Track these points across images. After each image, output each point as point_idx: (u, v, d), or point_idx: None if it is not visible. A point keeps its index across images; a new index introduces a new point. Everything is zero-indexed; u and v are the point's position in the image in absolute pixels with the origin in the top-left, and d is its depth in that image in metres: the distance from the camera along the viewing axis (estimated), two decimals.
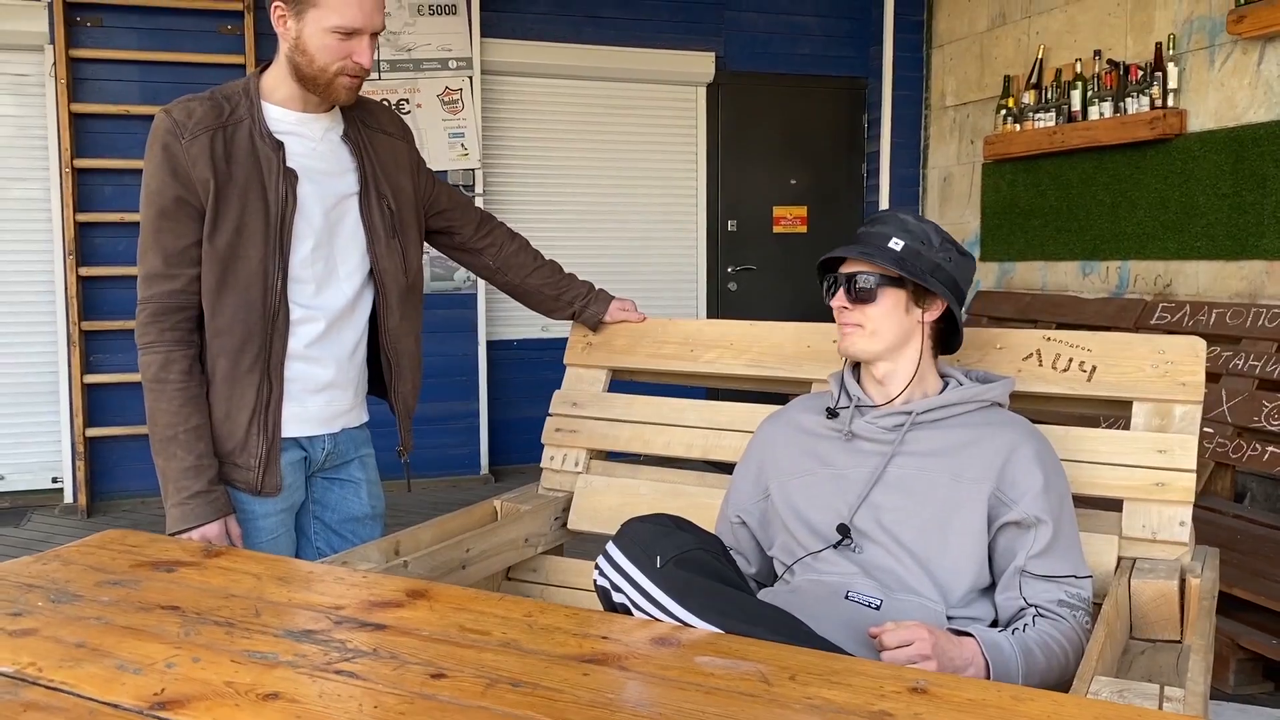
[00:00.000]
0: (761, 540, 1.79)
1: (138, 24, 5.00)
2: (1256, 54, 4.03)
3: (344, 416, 1.97)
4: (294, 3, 1.76)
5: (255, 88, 1.85)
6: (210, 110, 1.80)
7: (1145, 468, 1.76)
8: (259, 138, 1.81)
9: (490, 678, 1.08)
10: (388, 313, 1.96)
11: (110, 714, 1.01)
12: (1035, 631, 1.56)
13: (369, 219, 1.92)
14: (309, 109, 1.87)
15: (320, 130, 1.89)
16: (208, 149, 1.77)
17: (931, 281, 1.69)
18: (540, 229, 5.48)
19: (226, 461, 1.85)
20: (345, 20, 1.75)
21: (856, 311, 1.71)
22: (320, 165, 1.88)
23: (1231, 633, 2.92)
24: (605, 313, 2.26)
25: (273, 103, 1.85)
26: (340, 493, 2.02)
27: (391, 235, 1.94)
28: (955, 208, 5.88)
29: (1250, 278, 4.10)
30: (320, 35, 1.76)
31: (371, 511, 2.05)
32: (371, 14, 1.78)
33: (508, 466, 5.61)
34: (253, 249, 1.79)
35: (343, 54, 1.78)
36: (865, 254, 1.70)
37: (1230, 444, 3.75)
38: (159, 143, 1.78)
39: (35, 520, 4.85)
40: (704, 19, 5.87)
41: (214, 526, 1.79)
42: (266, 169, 1.80)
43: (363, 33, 1.78)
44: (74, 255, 4.88)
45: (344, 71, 1.79)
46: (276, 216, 1.80)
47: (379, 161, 1.95)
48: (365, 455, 2.05)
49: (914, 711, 1.01)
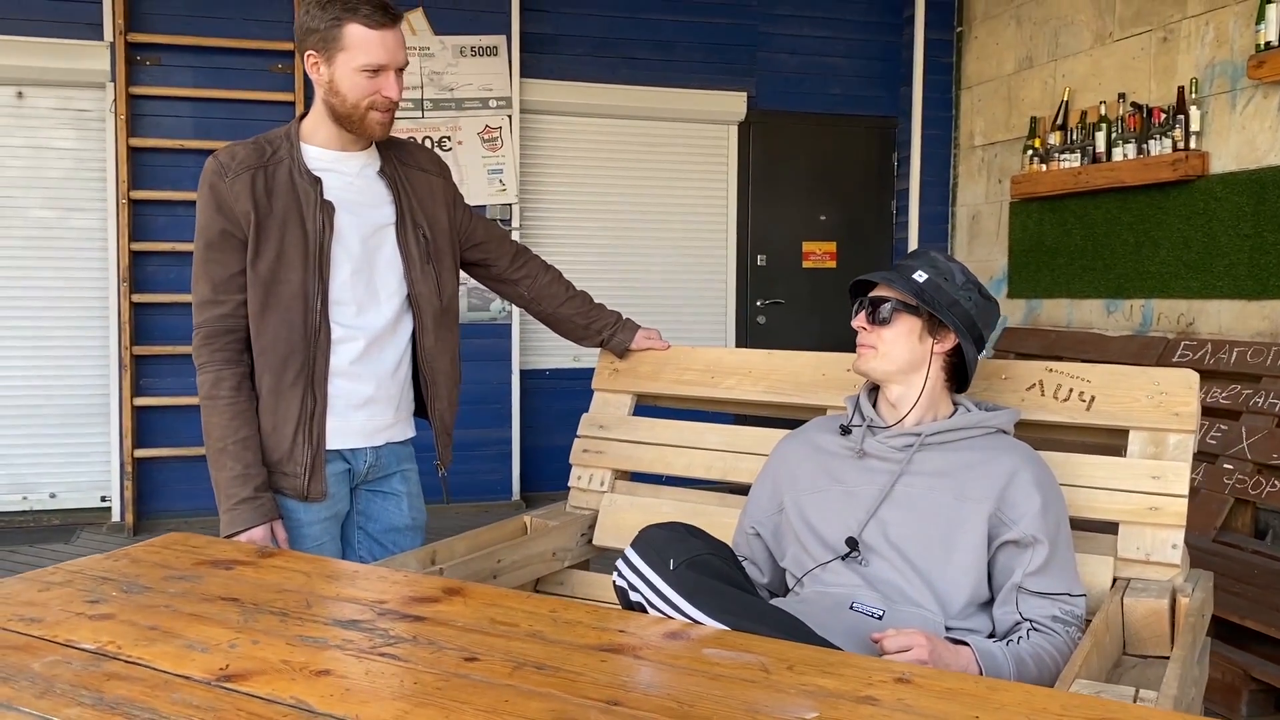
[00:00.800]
0: (775, 551, 1.91)
1: (194, 63, 5.25)
2: (1277, 98, 4.12)
3: (386, 431, 2.11)
4: (325, 50, 1.93)
5: (295, 132, 2.03)
6: (253, 152, 1.98)
7: (1140, 493, 1.86)
8: (298, 175, 1.98)
9: (517, 661, 1.20)
10: (424, 334, 2.11)
11: (182, 684, 1.14)
12: (1029, 644, 1.66)
13: (405, 247, 2.07)
14: (345, 147, 2.04)
15: (357, 166, 2.06)
16: (249, 186, 1.94)
17: (945, 314, 1.80)
18: (575, 262, 5.65)
19: (275, 471, 2.00)
20: (371, 59, 1.92)
21: (873, 333, 1.84)
22: (357, 198, 2.04)
23: (1244, 664, 2.97)
24: (631, 341, 2.40)
25: (312, 144, 2.03)
26: (382, 504, 2.16)
27: (426, 262, 2.09)
28: (983, 245, 5.98)
29: (1272, 317, 4.16)
30: (350, 75, 1.93)
31: (412, 523, 2.18)
32: (394, 51, 1.94)
33: (539, 493, 5.74)
34: (293, 273, 1.96)
35: (371, 90, 1.94)
36: (888, 280, 1.83)
37: (1250, 480, 3.80)
38: (207, 184, 1.97)
39: (84, 537, 5.04)
40: (737, 60, 6.04)
41: (260, 530, 1.93)
42: (305, 201, 1.97)
43: (388, 69, 1.94)
44: (127, 282, 5.09)
45: (374, 106, 1.95)
46: (315, 244, 1.96)
47: (415, 195, 2.11)
48: (407, 470, 2.19)
49: (898, 697, 1.12)
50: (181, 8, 5.19)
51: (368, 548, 2.15)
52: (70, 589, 1.46)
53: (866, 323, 1.85)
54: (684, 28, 5.92)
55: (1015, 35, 5.69)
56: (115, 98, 5.07)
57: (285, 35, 5.26)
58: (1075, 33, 5.24)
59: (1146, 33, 4.77)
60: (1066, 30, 5.29)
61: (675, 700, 1.10)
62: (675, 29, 5.91)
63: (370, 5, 1.91)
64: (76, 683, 1.14)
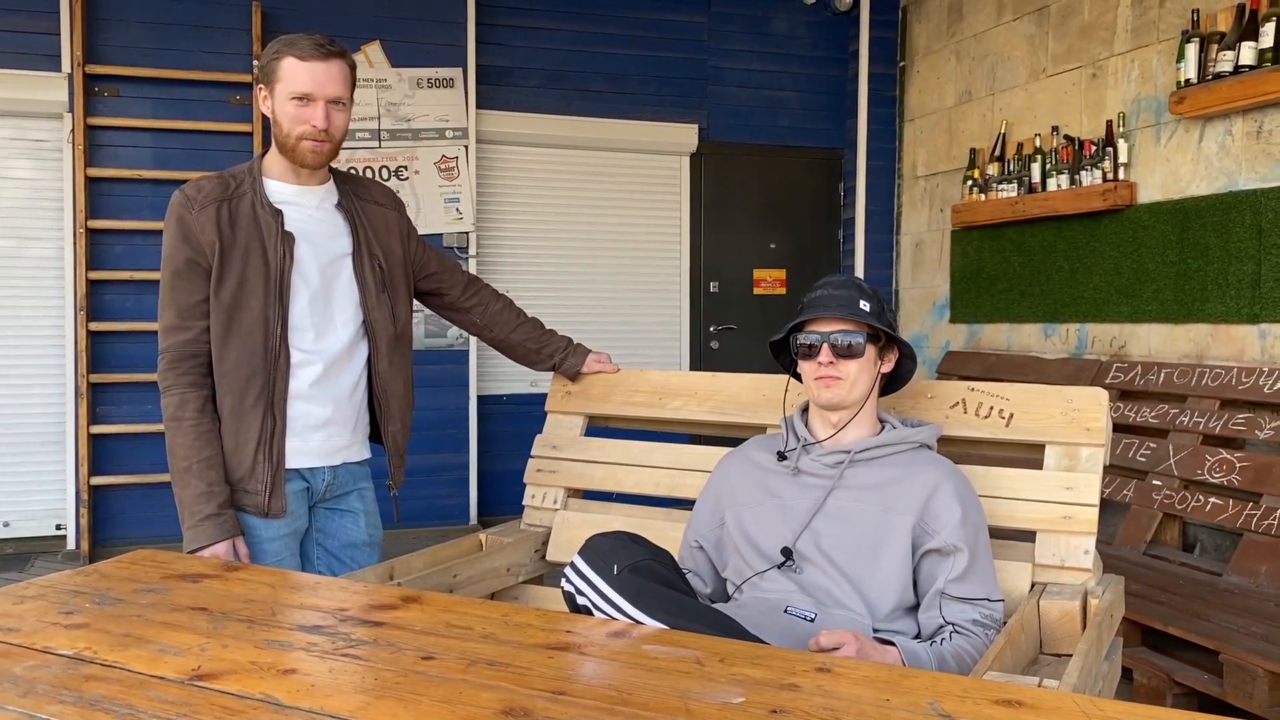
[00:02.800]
0: (717, 563, 2.02)
1: (152, 94, 5.30)
2: (1197, 132, 4.34)
3: (343, 452, 2.21)
4: (268, 82, 2.09)
5: (257, 167, 2.15)
6: (218, 186, 2.10)
7: (1055, 503, 2.00)
8: (260, 207, 2.09)
9: (471, 659, 1.30)
10: (379, 359, 2.22)
11: (157, 684, 1.23)
12: (951, 645, 1.78)
13: (361, 276, 2.19)
14: (301, 181, 2.16)
15: (315, 200, 2.18)
16: (214, 217, 2.06)
17: (898, 337, 1.95)
18: (530, 289, 5.77)
19: (237, 489, 2.09)
20: (298, 87, 2.05)
21: (839, 366, 1.93)
22: (316, 229, 2.16)
23: (1168, 669, 3.12)
24: (582, 364, 2.52)
25: (271, 178, 2.15)
26: (340, 521, 2.25)
27: (381, 290, 2.21)
28: (927, 272, 6.17)
29: (1196, 340, 4.36)
30: (284, 104, 2.07)
31: (369, 539, 2.28)
32: (323, 84, 2.06)
33: (496, 516, 5.81)
34: (254, 300, 2.06)
35: (301, 119, 2.06)
36: (853, 315, 1.91)
37: (1177, 495, 3.98)
38: (175, 215, 2.08)
39: (38, 566, 5.02)
40: (688, 93, 6.21)
41: (223, 545, 2.02)
42: (267, 233, 2.08)
43: (314, 98, 2.06)
44: (85, 311, 5.12)
45: (304, 136, 2.07)
46: (276, 272, 2.07)
47: (371, 227, 2.23)
48: (364, 489, 2.29)
49: (818, 684, 1.23)
50: (140, 39, 5.26)
51: (326, 563, 2.24)
52: (44, 602, 1.54)
53: (833, 356, 1.93)
54: (636, 61, 6.09)
55: (955, 70, 5.91)
56: (73, 128, 5.11)
57: (242, 67, 5.35)
58: (1011, 68, 5.46)
59: (1077, 69, 5.00)
60: (1003, 65, 5.52)
61: (615, 689, 1.21)
62: (628, 62, 6.08)
63: (308, 41, 2.05)
64: (57, 684, 1.22)
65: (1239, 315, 4.13)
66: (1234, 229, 4.15)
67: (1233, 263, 4.16)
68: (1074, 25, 5.03)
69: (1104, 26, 4.84)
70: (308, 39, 2.05)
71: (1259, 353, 4.06)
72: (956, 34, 5.90)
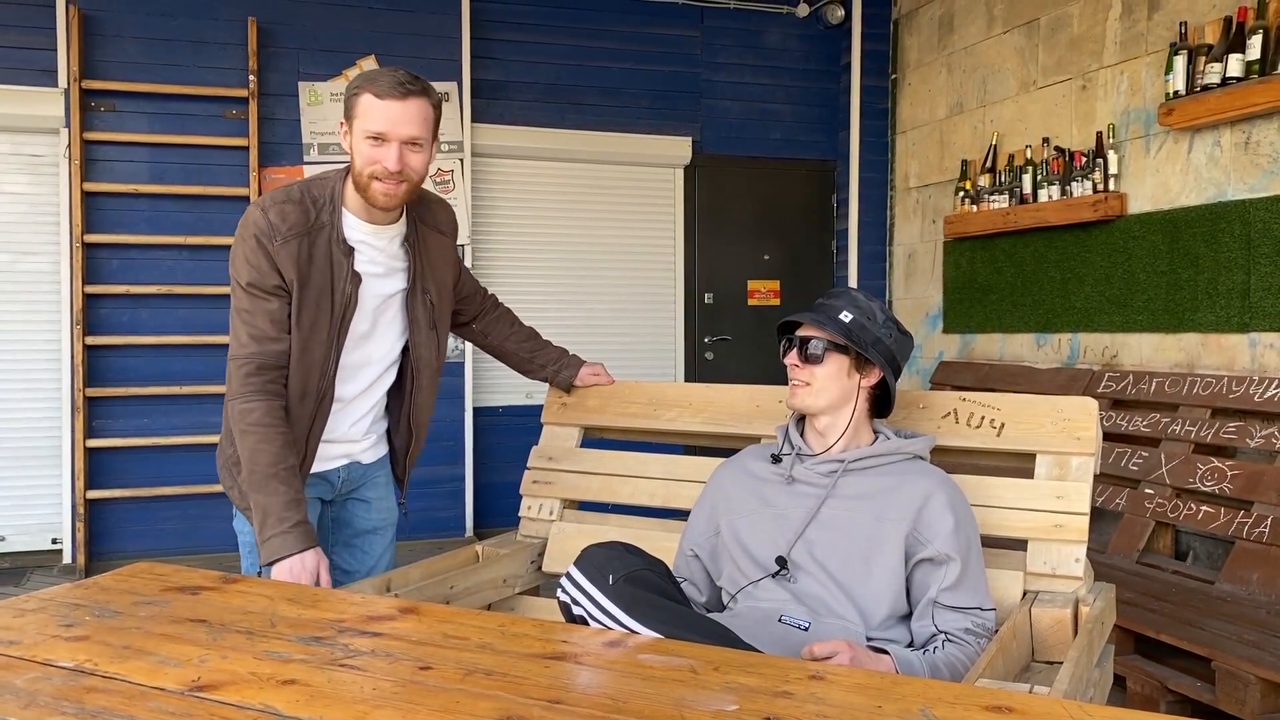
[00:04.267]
0: (712, 571, 2.04)
1: (148, 109, 5.33)
2: (1186, 143, 4.38)
3: (358, 455, 2.27)
4: (348, 118, 2.02)
5: (339, 193, 2.08)
6: (300, 216, 2.03)
7: (1046, 511, 2.02)
8: (335, 244, 2.06)
9: (468, 669, 1.31)
10: (417, 390, 2.24)
11: (157, 695, 1.24)
12: (944, 653, 1.80)
13: (412, 312, 2.19)
14: (374, 220, 2.11)
15: (386, 241, 2.14)
16: (295, 254, 2.01)
17: (871, 352, 1.96)
18: (526, 301, 5.76)
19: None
20: (372, 125, 1.98)
21: (805, 370, 1.98)
22: (377, 270, 2.13)
23: (1161, 677, 3.14)
24: (575, 376, 2.54)
25: (349, 210, 2.09)
26: (353, 510, 2.31)
27: (430, 327, 2.22)
28: (920, 283, 6.20)
29: (1187, 349, 4.39)
30: (360, 141, 2.00)
31: (382, 522, 2.32)
32: (398, 124, 1.97)
33: (492, 528, 5.82)
34: (318, 347, 2.06)
35: (373, 159, 1.99)
36: (818, 321, 1.97)
37: (1169, 504, 4.00)
38: (254, 238, 2.00)
39: (34, 580, 5.02)
40: (681, 106, 6.25)
41: (311, 555, 1.95)
42: (338, 273, 2.05)
43: (388, 138, 1.98)
44: (81, 325, 5.13)
45: (375, 175, 2.00)
46: (339, 317, 2.06)
47: (429, 260, 2.21)
48: (376, 478, 2.32)
49: (810, 691, 1.25)
50: (136, 55, 5.28)
51: (339, 554, 2.29)
52: (44, 615, 1.55)
53: (799, 360, 1.99)
54: (630, 75, 6.13)
55: (946, 82, 5.95)
56: (69, 143, 5.13)
57: (238, 82, 5.38)
58: (1002, 80, 5.51)
59: (1067, 81, 5.04)
60: (994, 78, 5.56)
61: (611, 698, 1.22)
62: (621, 76, 6.11)
63: (388, 79, 1.98)
64: (58, 695, 1.24)
65: (1229, 324, 4.16)
66: (1223, 239, 4.18)
67: (1222, 272, 4.19)
68: (1063, 38, 5.07)
69: (1093, 39, 4.88)
70: (389, 76, 1.98)
71: (1249, 361, 4.09)
72: (947, 47, 5.94)
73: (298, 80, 5.52)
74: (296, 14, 5.51)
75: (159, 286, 5.27)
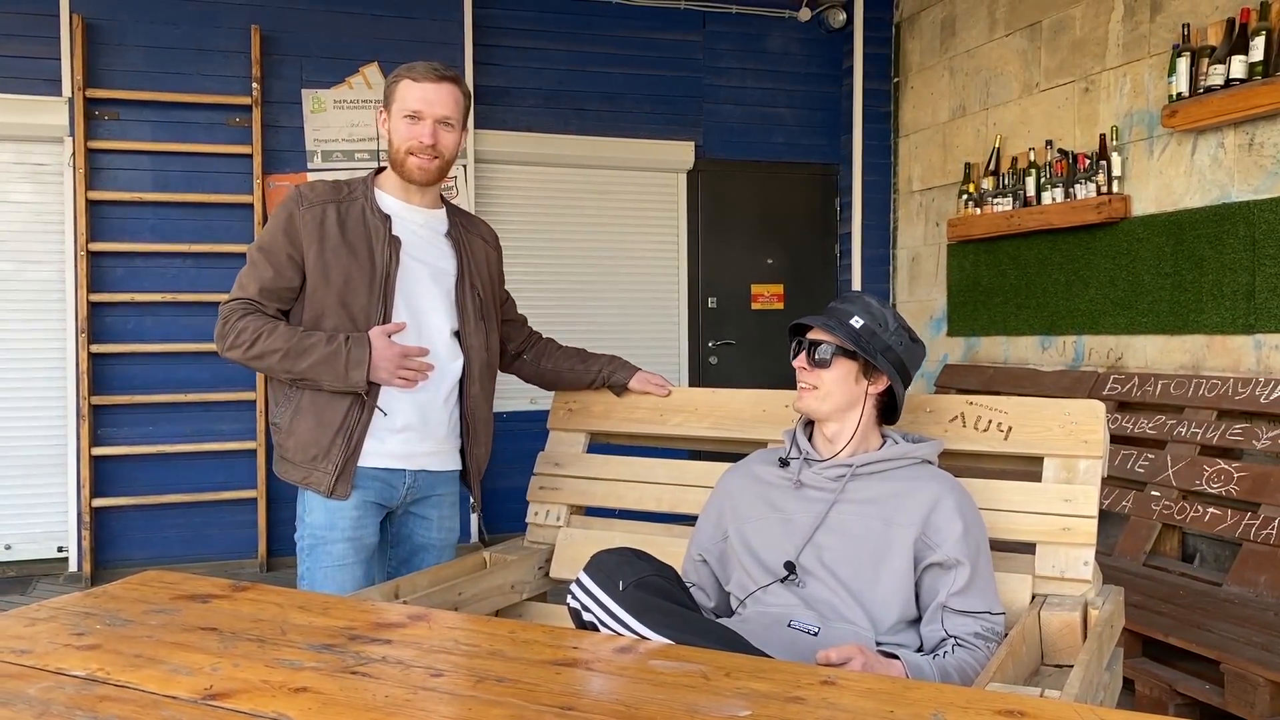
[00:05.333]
0: (720, 576, 2.04)
1: (152, 117, 5.34)
2: (1190, 145, 4.38)
3: (423, 458, 2.28)
4: (387, 105, 2.25)
5: (372, 179, 2.28)
6: (330, 189, 2.23)
7: (1054, 515, 2.02)
8: (370, 212, 2.22)
9: (479, 675, 1.32)
10: (471, 382, 2.31)
11: (170, 703, 1.24)
12: (954, 658, 1.79)
13: (462, 301, 2.30)
14: (409, 199, 2.27)
15: (421, 219, 2.29)
16: (319, 217, 2.17)
17: (880, 360, 1.96)
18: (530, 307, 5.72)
19: (307, 466, 2.17)
20: (410, 105, 2.20)
21: (813, 374, 1.98)
22: (421, 244, 2.27)
23: (1170, 680, 3.14)
24: (630, 380, 2.58)
25: (383, 190, 2.27)
26: (412, 526, 2.34)
27: (479, 318, 2.32)
28: (923, 286, 6.20)
29: (1192, 351, 4.39)
30: (397, 122, 2.21)
31: (440, 541, 2.37)
32: (433, 102, 2.20)
33: (497, 534, 5.79)
34: (359, 299, 2.17)
35: (410, 136, 2.20)
36: (828, 326, 1.96)
37: (1175, 506, 3.99)
38: (285, 209, 2.20)
39: (40, 588, 5.03)
40: (684, 111, 6.25)
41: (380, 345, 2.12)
42: (375, 235, 2.19)
43: (423, 115, 2.19)
44: (86, 333, 5.14)
45: (412, 150, 2.20)
46: (381, 274, 2.17)
47: (474, 259, 2.34)
48: (443, 494, 2.36)
49: (823, 696, 1.25)
50: (139, 63, 5.30)
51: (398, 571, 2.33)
52: (55, 624, 1.55)
53: (807, 364, 1.98)
54: (632, 80, 6.13)
55: (949, 85, 5.96)
56: (74, 152, 5.14)
57: (241, 90, 5.39)
58: (1004, 83, 5.51)
59: (1070, 83, 5.04)
60: (996, 81, 5.57)
61: (623, 704, 1.22)
62: (624, 81, 6.12)
63: (424, 66, 2.20)
64: (71, 705, 1.24)
65: (1234, 326, 4.16)
66: (1228, 240, 4.18)
67: (1227, 274, 4.19)
68: (1066, 40, 5.08)
69: (1095, 41, 4.88)
70: (424, 64, 2.21)
71: (1255, 363, 4.09)
72: (950, 50, 5.95)
73: (301, 88, 5.53)
74: (300, 21, 5.52)
75: (163, 294, 5.28)
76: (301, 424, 2.19)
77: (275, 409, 2.26)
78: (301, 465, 2.20)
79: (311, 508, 2.22)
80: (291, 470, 2.23)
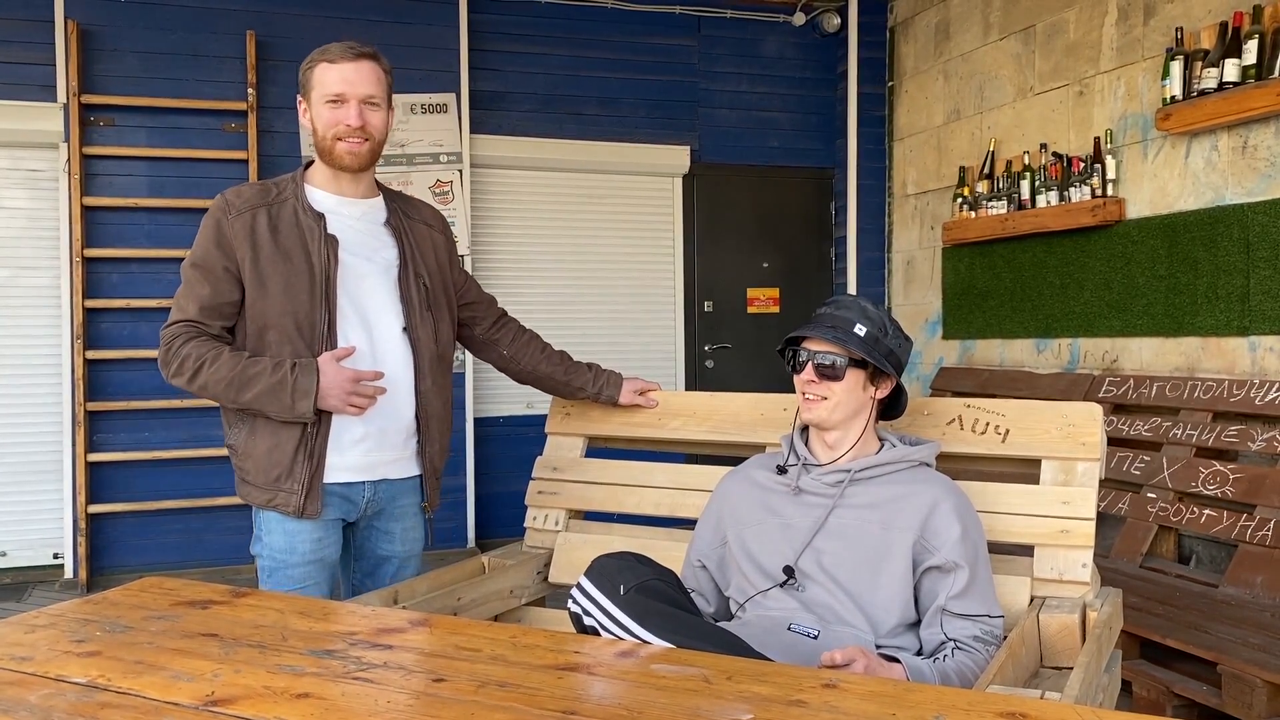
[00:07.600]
0: (719, 581, 2.04)
1: (147, 123, 5.33)
2: (1184, 148, 4.40)
3: (384, 467, 2.20)
4: (306, 94, 2.14)
5: (300, 175, 2.18)
6: (258, 193, 2.13)
7: (1052, 517, 2.02)
8: (302, 212, 2.12)
9: (481, 681, 1.32)
10: (420, 378, 2.21)
11: (172, 710, 1.24)
12: (954, 661, 1.80)
13: (406, 292, 2.19)
14: (342, 191, 2.18)
15: (358, 211, 2.19)
16: (249, 224, 2.08)
17: (888, 367, 1.96)
18: (527, 311, 5.71)
19: (273, 488, 2.08)
20: (330, 88, 2.10)
21: (822, 386, 1.96)
22: (359, 239, 2.17)
23: (1167, 681, 3.14)
24: (619, 395, 2.50)
25: (314, 186, 2.17)
26: (375, 539, 2.26)
27: (426, 309, 2.21)
28: (919, 289, 6.21)
29: (1187, 353, 4.40)
30: (320, 109, 2.11)
31: (403, 552, 2.29)
32: (354, 83, 2.10)
33: (494, 539, 5.81)
34: (300, 305, 2.06)
35: (335, 120, 2.10)
36: (838, 338, 1.94)
37: (1171, 508, 4.00)
38: (213, 218, 2.10)
39: (36, 595, 5.01)
40: (679, 115, 6.26)
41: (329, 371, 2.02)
42: (310, 236, 2.10)
43: (346, 98, 2.10)
44: (81, 339, 5.13)
45: (338, 136, 2.10)
46: (321, 275, 2.08)
47: (418, 246, 2.24)
48: (404, 505, 2.27)
49: (825, 700, 1.25)
50: (135, 69, 5.29)
51: (363, 584, 2.27)
52: (55, 630, 1.55)
53: (816, 376, 1.96)
54: (627, 84, 6.14)
55: (943, 89, 5.97)
56: (69, 158, 5.13)
57: (237, 95, 5.39)
58: (999, 87, 5.52)
59: (1064, 87, 5.06)
60: (991, 84, 5.58)
61: (625, 708, 1.22)
62: (619, 86, 6.13)
63: (338, 46, 2.12)
64: (72, 711, 1.24)
65: (1229, 328, 4.17)
66: (1222, 243, 4.20)
67: (1222, 276, 4.20)
68: (1060, 44, 5.09)
69: (1089, 45, 4.90)
70: (338, 45, 2.11)
71: (1250, 365, 4.10)
72: (944, 54, 5.96)
73: (296, 93, 5.52)
74: (295, 27, 5.52)
75: (159, 300, 5.26)
76: (259, 445, 2.10)
77: (229, 431, 2.16)
78: (265, 487, 2.10)
79: (270, 529, 2.12)
80: (255, 493, 2.12)
